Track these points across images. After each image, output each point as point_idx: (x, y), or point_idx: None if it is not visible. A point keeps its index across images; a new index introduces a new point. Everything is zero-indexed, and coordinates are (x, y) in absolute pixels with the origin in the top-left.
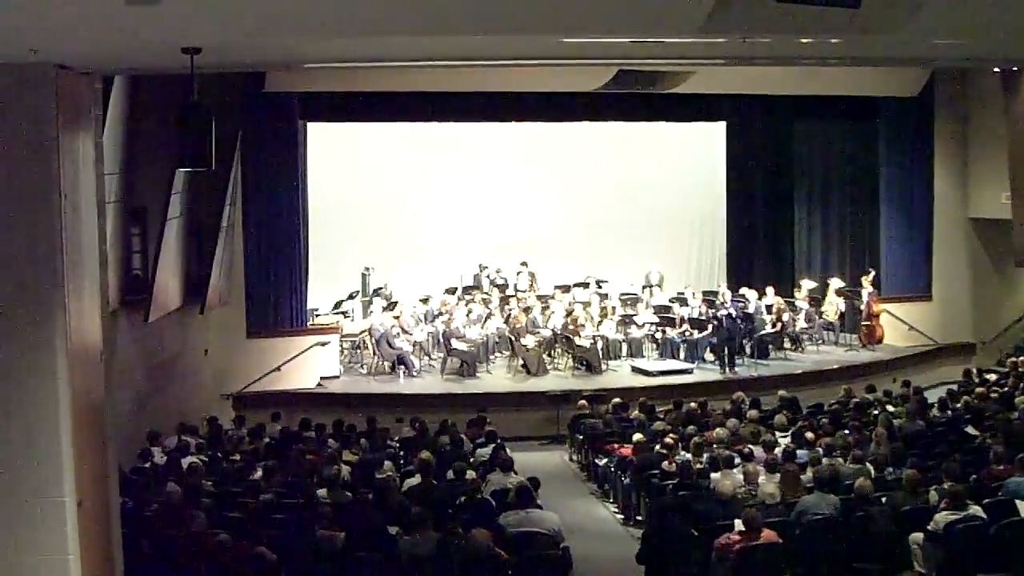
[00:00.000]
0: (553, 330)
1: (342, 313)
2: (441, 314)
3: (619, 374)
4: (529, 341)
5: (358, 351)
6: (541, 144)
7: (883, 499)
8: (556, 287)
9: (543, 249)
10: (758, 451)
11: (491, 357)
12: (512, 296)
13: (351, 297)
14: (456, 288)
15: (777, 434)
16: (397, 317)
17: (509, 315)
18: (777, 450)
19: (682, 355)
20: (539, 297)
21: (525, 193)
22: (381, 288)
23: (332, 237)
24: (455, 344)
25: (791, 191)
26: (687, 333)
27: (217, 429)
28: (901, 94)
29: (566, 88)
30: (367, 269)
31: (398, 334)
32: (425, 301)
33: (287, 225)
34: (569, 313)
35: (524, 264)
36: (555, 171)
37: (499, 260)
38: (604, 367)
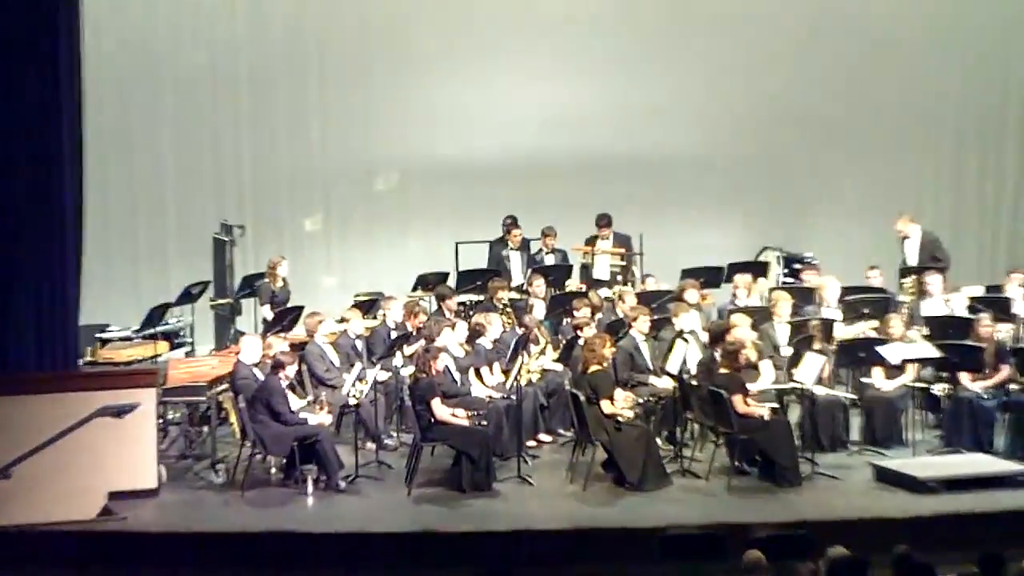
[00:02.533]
0: (680, 377)
1: (166, 338)
2: (406, 338)
3: (846, 486)
4: (621, 403)
5: (204, 431)
6: None
7: None
8: (685, 274)
9: (645, 183)
10: None
11: (530, 446)
12: (579, 296)
13: (188, 298)
14: (446, 278)
15: None
16: (299, 347)
17: (572, 343)
18: None
19: (1001, 442)
20: (644, 299)
21: (601, 49)
22: (262, 279)
23: (140, 161)
24: (440, 411)
25: None
26: (1012, 388)
27: None
28: None
29: None
30: (229, 230)
31: (300, 387)
32: (366, 307)
33: (35, 144)
34: (719, 336)
35: (605, 224)
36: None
37: (546, 212)
38: (809, 468)
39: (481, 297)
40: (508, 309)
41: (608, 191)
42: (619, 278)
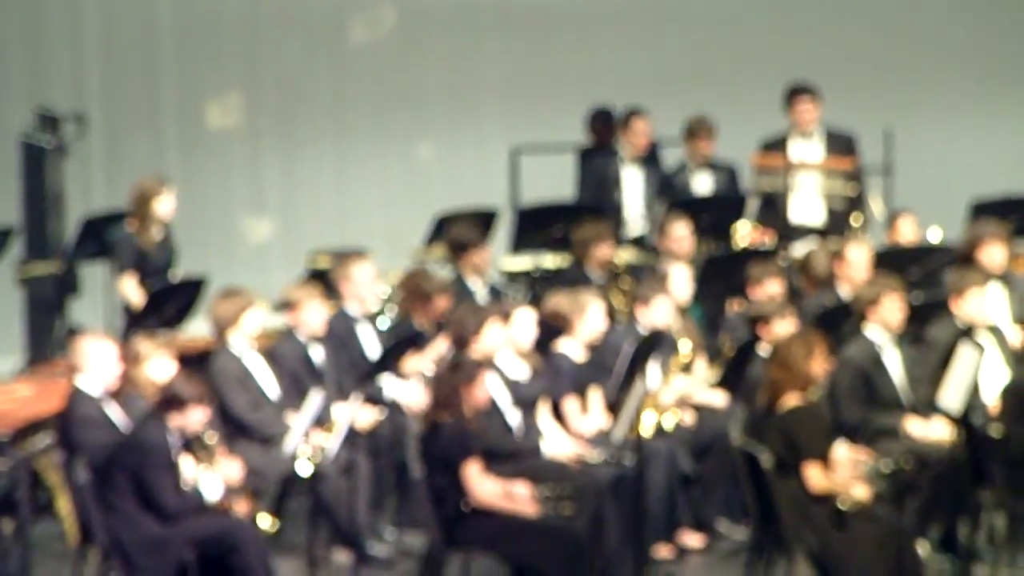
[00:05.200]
0: (967, 420)
1: None
2: (413, 341)
3: None
4: (846, 473)
5: (6, 529)
6: None
7: None
8: (978, 212)
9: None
10: None
11: (661, 559)
12: (761, 257)
13: None
14: (491, 219)
15: None
16: (198, 360)
17: (746, 352)
18: None
19: None
20: (891, 262)
21: None
22: (122, 224)
23: None
24: (481, 487)
25: None
26: None
27: None
28: None
29: None
30: (53, 126)
31: (198, 442)
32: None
33: None
34: None
35: (804, 97)
36: None
37: (693, 90)
38: None
39: (563, 259)
40: (618, 282)
41: (808, 50)
42: (851, 221)
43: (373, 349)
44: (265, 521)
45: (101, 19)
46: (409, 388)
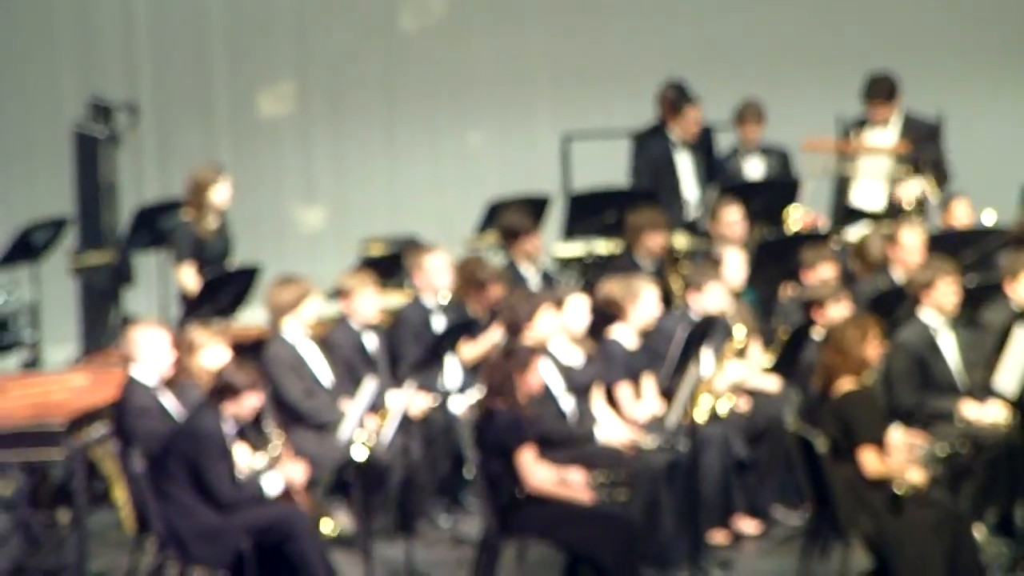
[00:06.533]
0: None
1: None
2: (467, 328)
3: None
4: (901, 457)
5: (61, 520)
6: None
7: None
8: None
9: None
10: None
11: (716, 544)
12: (815, 241)
13: (26, 252)
14: (543, 206)
15: None
16: (252, 348)
17: (799, 337)
18: None
19: None
20: (945, 246)
21: None
22: (177, 214)
23: None
24: (535, 474)
25: None
26: None
27: None
28: None
29: None
30: (106, 116)
31: (254, 429)
32: (385, 269)
33: None
34: None
35: (883, 98)
36: None
37: (747, 74)
38: None
39: (615, 245)
40: (672, 268)
41: (859, 34)
42: (905, 205)
43: None
44: (327, 525)
45: (152, 8)
46: (463, 400)
